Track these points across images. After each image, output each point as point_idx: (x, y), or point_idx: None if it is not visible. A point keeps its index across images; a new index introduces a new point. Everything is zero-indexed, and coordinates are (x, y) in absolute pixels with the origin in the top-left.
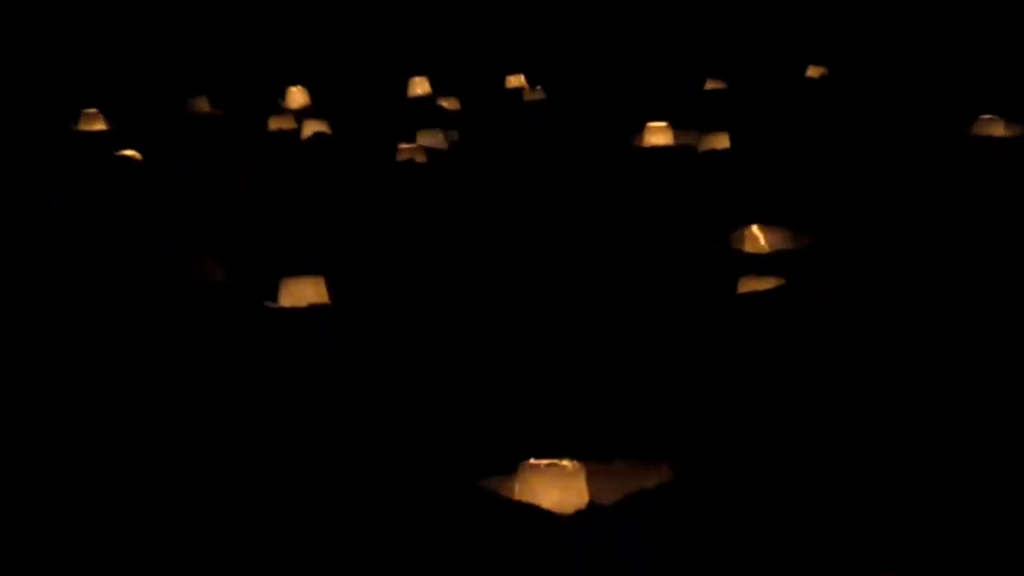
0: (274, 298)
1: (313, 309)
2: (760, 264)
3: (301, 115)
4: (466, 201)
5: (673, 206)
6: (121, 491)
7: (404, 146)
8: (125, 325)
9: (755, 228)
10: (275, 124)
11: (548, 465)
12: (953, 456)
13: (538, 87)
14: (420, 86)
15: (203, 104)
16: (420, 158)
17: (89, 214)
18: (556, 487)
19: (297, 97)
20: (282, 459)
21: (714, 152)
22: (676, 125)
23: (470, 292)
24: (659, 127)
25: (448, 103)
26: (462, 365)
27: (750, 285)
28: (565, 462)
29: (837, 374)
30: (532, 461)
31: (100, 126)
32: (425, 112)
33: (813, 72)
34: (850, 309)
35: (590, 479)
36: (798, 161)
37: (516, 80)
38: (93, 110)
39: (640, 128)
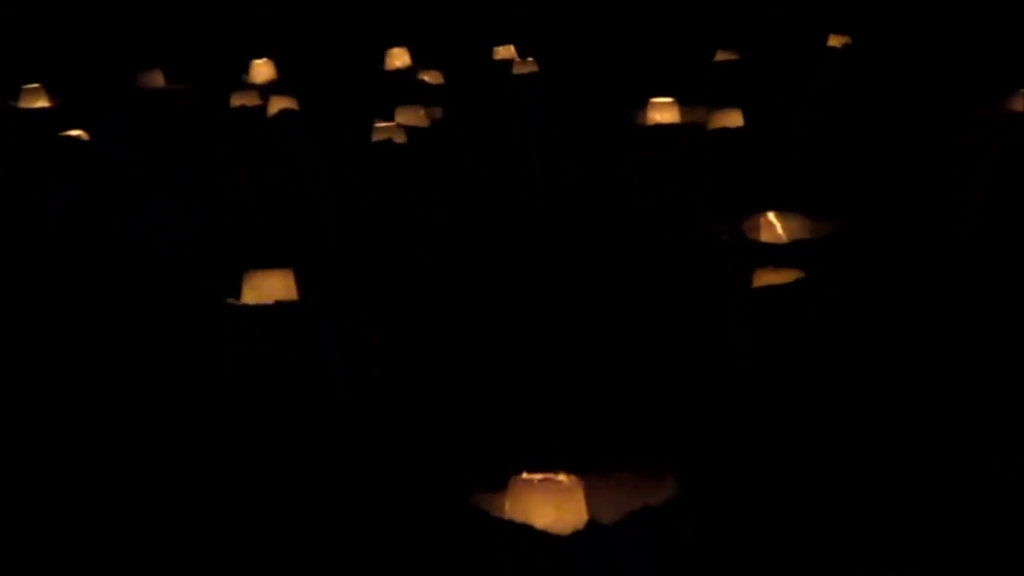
0: (237, 293)
1: (281, 306)
2: (777, 255)
3: (267, 91)
4: (465, 201)
5: (679, 192)
6: (120, 490)
7: (380, 124)
8: (125, 325)
9: (771, 215)
10: (238, 100)
11: (542, 480)
12: (953, 456)
13: (530, 58)
14: (399, 58)
15: (157, 78)
16: (399, 138)
17: (89, 214)
18: (551, 504)
19: (262, 70)
20: (282, 459)
21: (726, 131)
22: (683, 101)
23: (470, 292)
24: (664, 103)
25: (430, 77)
26: (462, 365)
27: (767, 278)
28: (561, 476)
29: (837, 373)
30: (524, 476)
31: (43, 103)
32: (405, 87)
33: (835, 41)
34: (850, 308)
35: (588, 495)
36: (810, 143)
37: (505, 51)
38: (35, 85)
39: (643, 104)
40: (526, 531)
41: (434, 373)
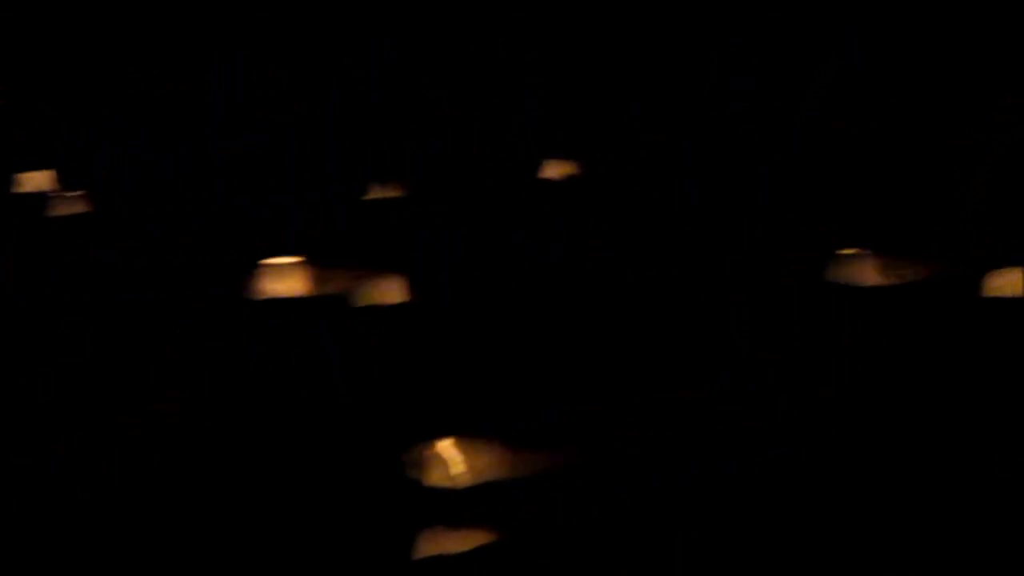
0: None
1: None
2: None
3: None
4: (466, 200)
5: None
6: (119, 489)
7: None
8: (125, 324)
9: (448, 444)
10: None
11: None
12: (953, 456)
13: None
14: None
15: None
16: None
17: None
18: None
19: None
20: (281, 459)
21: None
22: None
23: (470, 292)
24: (286, 265)
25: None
26: (462, 365)
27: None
28: None
29: (836, 374)
30: None
31: None
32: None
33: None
34: (848, 307)
35: None
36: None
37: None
38: None
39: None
40: None
41: (434, 373)
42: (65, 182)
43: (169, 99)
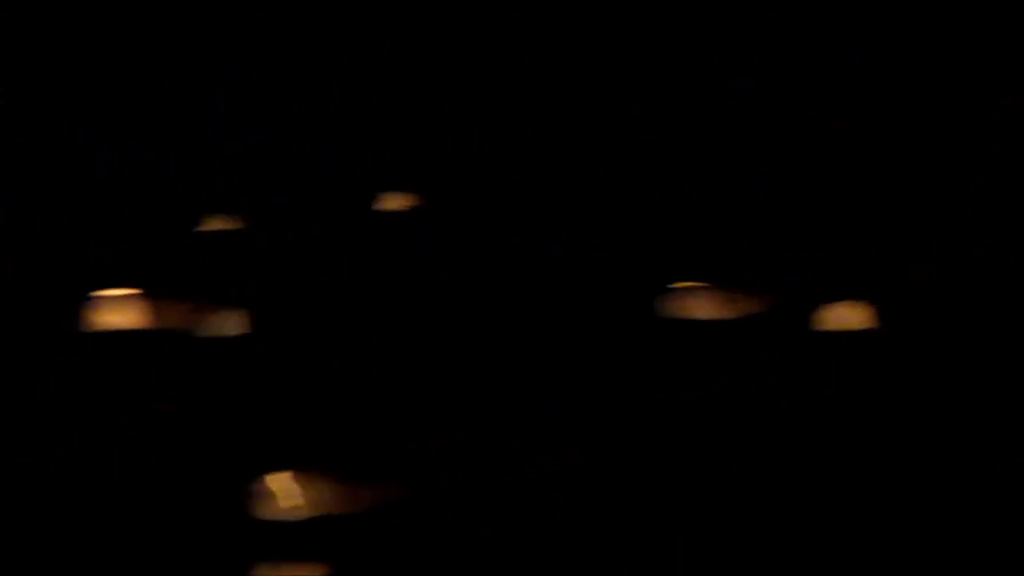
0: None
1: None
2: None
3: None
4: (467, 202)
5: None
6: (119, 489)
7: None
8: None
9: (284, 477)
10: None
11: None
12: (953, 456)
13: None
14: None
15: None
16: None
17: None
18: None
19: None
20: (281, 459)
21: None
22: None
23: (470, 292)
24: (121, 297)
25: None
26: (462, 365)
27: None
28: None
29: (836, 374)
30: None
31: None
32: None
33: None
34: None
35: None
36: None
37: None
38: None
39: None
40: None
41: (434, 373)
42: (64, 181)
43: (169, 99)
